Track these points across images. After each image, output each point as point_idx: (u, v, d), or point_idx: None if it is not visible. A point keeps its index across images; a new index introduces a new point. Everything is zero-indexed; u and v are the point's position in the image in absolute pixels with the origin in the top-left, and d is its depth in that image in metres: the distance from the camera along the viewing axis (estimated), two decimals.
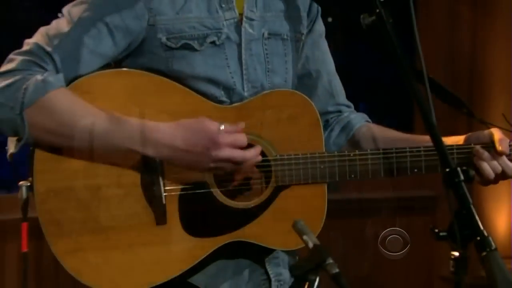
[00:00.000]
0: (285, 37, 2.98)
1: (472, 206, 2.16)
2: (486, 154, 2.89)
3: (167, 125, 2.77)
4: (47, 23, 2.96)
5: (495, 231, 6.16)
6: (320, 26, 3.17)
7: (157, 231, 2.83)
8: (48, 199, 2.76)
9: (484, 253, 2.04)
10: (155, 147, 2.69)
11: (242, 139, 2.76)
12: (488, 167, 2.87)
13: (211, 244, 2.88)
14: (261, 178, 2.92)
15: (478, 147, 2.92)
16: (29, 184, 2.74)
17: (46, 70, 2.68)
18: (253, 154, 2.79)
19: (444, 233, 2.20)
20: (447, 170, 2.17)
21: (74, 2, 2.84)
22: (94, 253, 2.85)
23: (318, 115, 2.97)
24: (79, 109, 2.74)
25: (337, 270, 2.22)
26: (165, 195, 2.80)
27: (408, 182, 6.14)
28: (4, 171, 6.81)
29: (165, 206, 2.80)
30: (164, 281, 2.87)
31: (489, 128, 3.04)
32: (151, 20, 2.77)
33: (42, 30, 2.82)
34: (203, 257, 2.87)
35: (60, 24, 2.77)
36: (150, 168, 2.81)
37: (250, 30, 2.89)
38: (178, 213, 2.83)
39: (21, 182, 2.74)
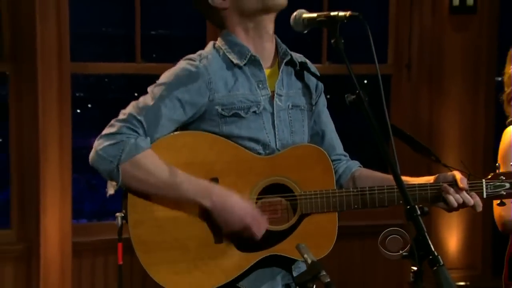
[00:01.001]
0: (303, 108, 3.19)
1: (426, 234, 2.41)
2: (451, 189, 3.04)
3: (224, 193, 2.93)
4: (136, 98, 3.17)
5: (447, 249, 6.63)
6: (323, 99, 3.36)
7: (215, 248, 3.02)
8: (137, 225, 2.97)
9: (435, 268, 2.34)
10: (212, 204, 2.86)
11: (264, 224, 2.96)
12: (453, 199, 3.02)
13: (254, 257, 3.08)
14: (288, 209, 3.11)
15: (445, 184, 3.07)
16: (123, 215, 2.98)
17: (138, 133, 2.89)
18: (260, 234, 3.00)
19: (406, 253, 2.56)
20: (408, 207, 2.44)
21: (155, 84, 3.05)
22: (170, 264, 3.03)
23: (331, 163, 3.17)
24: (161, 167, 2.91)
25: (328, 280, 2.53)
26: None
27: (385, 213, 6.32)
28: (94, 205, 7.64)
29: (221, 237, 3.00)
30: (220, 285, 3.07)
31: (451, 171, 3.18)
32: (211, 97, 2.95)
33: (134, 103, 3.01)
34: (247, 267, 3.09)
35: (146, 99, 2.96)
36: None
37: (279, 103, 3.07)
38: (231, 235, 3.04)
39: (117, 214, 2.98)
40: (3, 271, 5.98)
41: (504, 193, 3.08)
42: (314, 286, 2.58)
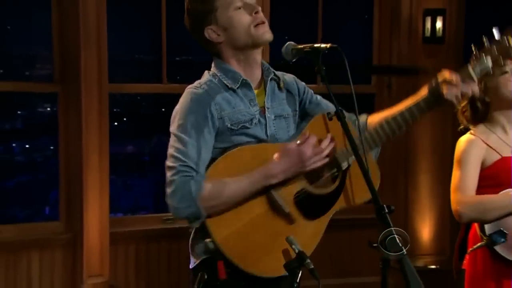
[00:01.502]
0: (286, 116, 3.08)
1: (392, 229, 2.45)
2: (448, 86, 2.85)
3: (273, 163, 2.85)
4: None
5: (421, 238, 6.69)
6: (310, 92, 3.23)
7: (292, 228, 2.91)
8: (225, 242, 2.81)
9: (399, 259, 2.39)
10: (276, 178, 2.79)
11: (312, 139, 2.83)
12: (453, 95, 2.83)
13: (325, 220, 2.99)
14: (331, 170, 2.97)
15: (441, 81, 2.90)
16: (211, 240, 2.81)
17: (191, 176, 2.79)
18: (327, 142, 2.89)
19: (376, 244, 2.51)
20: (377, 207, 2.46)
21: (177, 127, 2.94)
22: (267, 257, 2.90)
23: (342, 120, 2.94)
24: (227, 185, 2.82)
25: (312, 266, 2.62)
26: (287, 207, 2.87)
27: (371, 208, 6.73)
28: (129, 201, 7.46)
29: (289, 213, 2.89)
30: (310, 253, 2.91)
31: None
32: (219, 115, 2.88)
33: (171, 153, 2.89)
34: (324, 229, 3.01)
35: (179, 145, 2.84)
36: (271, 197, 2.89)
37: (269, 115, 2.98)
38: (298, 211, 2.90)
39: (206, 240, 2.83)
40: (54, 256, 6.02)
41: (490, 65, 2.95)
42: (300, 272, 2.60)
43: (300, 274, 2.63)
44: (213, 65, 3.02)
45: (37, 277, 6.06)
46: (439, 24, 6.96)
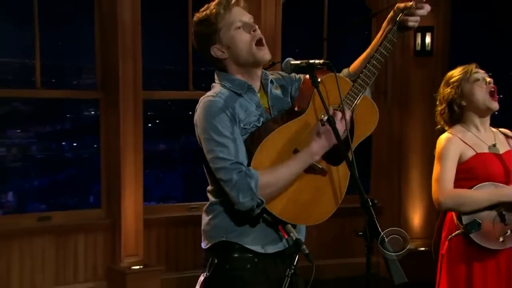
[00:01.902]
0: (286, 108, 3.03)
1: (375, 220, 2.42)
2: (403, 10, 2.80)
3: (315, 142, 2.82)
4: None
5: (413, 224, 6.71)
6: (298, 78, 3.15)
7: (327, 178, 2.90)
8: (283, 212, 2.82)
9: (380, 245, 2.38)
10: (319, 155, 2.78)
11: (339, 115, 2.80)
12: (413, 20, 2.76)
13: (348, 161, 2.81)
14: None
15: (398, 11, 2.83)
16: (267, 215, 2.82)
17: (241, 168, 2.75)
18: (348, 115, 2.86)
19: (361, 233, 2.47)
20: (362, 200, 2.44)
21: (208, 132, 2.86)
22: (310, 213, 2.89)
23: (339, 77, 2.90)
24: (278, 172, 2.81)
25: (307, 251, 2.63)
26: (318, 164, 2.82)
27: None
28: (161, 192, 7.37)
29: (322, 168, 2.80)
30: (343, 196, 2.92)
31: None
32: (237, 118, 2.84)
33: (215, 155, 2.83)
34: (350, 172, 2.88)
35: (219, 146, 2.79)
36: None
37: (273, 112, 2.93)
38: (326, 163, 2.83)
39: (264, 215, 2.82)
40: (96, 238, 6.15)
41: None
42: (297, 256, 2.64)
43: (297, 258, 2.65)
44: (217, 78, 3.00)
45: (83, 256, 6.17)
46: (428, 39, 7.04)
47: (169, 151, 9.29)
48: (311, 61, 2.75)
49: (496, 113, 3.59)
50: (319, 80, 2.80)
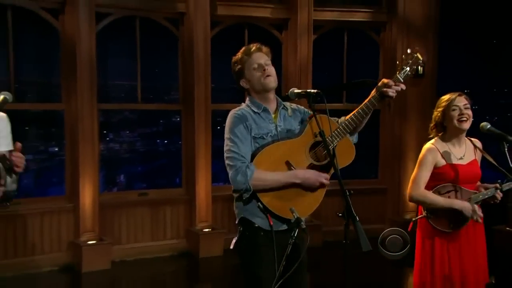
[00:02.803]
0: (293, 129, 3.06)
1: (351, 205, 2.45)
2: (387, 88, 2.80)
3: (300, 172, 2.86)
4: None
5: (407, 201, 6.41)
6: (305, 110, 3.14)
7: (303, 193, 2.86)
8: (270, 202, 2.82)
9: (354, 223, 2.41)
10: (299, 180, 2.77)
11: (323, 176, 2.85)
12: (391, 92, 2.77)
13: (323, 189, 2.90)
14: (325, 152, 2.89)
15: (383, 88, 2.82)
16: (259, 204, 2.84)
17: (244, 161, 2.84)
18: (328, 176, 2.89)
19: (340, 214, 2.51)
20: (342, 191, 2.48)
21: (229, 135, 2.93)
22: (284, 204, 2.85)
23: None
24: (268, 175, 2.84)
25: (304, 227, 2.62)
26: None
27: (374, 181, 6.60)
28: (226, 176, 7.78)
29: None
30: (316, 207, 2.93)
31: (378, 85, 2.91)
32: (248, 128, 2.91)
33: (229, 149, 2.90)
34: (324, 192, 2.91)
35: (231, 146, 2.87)
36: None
37: (280, 130, 2.99)
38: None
39: (257, 203, 2.83)
40: (179, 209, 6.34)
41: (409, 71, 2.94)
42: (297, 230, 2.62)
43: (296, 232, 2.64)
44: (246, 99, 3.11)
45: (169, 221, 6.39)
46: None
47: None
48: (308, 90, 2.90)
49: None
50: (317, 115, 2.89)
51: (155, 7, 6.41)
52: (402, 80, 2.89)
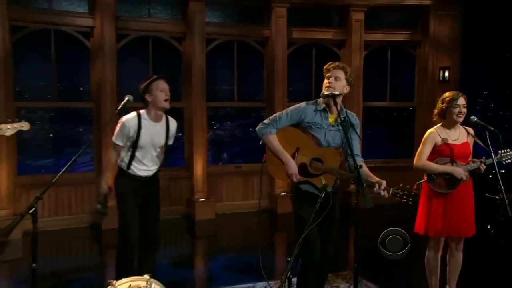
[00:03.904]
0: (340, 133, 2.99)
1: (360, 175, 2.50)
2: (377, 189, 2.79)
3: (288, 157, 2.94)
4: None
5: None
6: (356, 129, 3.07)
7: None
8: (269, 165, 3.02)
9: (360, 186, 2.46)
10: (284, 160, 2.89)
11: (297, 176, 2.91)
12: (378, 191, 2.78)
13: (304, 178, 2.97)
14: (320, 167, 2.95)
15: (376, 187, 2.80)
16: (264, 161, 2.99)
17: (273, 126, 2.95)
18: (298, 177, 2.95)
19: (352, 182, 2.59)
20: (356, 166, 2.55)
21: (287, 109, 3.03)
22: (279, 172, 2.99)
23: (339, 158, 2.96)
24: (275, 143, 2.97)
25: (329, 191, 2.68)
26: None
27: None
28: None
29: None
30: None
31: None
32: (301, 118, 3.00)
33: (275, 114, 3.04)
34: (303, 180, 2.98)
35: (280, 113, 3.01)
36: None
37: (330, 129, 2.97)
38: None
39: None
40: (263, 179, 6.60)
41: (396, 195, 2.88)
42: (324, 192, 2.68)
43: (323, 194, 2.67)
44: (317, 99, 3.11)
45: (256, 187, 6.95)
46: (446, 73, 7.34)
47: None
48: (333, 93, 2.95)
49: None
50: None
51: (247, 33, 6.93)
52: (389, 193, 2.82)
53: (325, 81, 2.97)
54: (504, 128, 7.34)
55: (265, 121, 3.00)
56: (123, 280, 2.63)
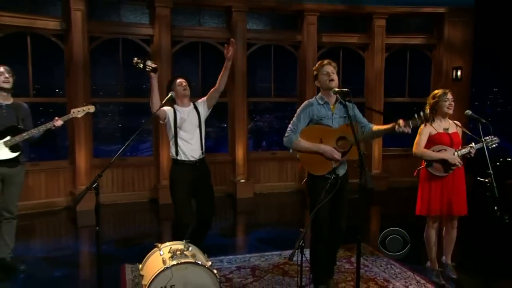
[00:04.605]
0: (344, 116, 2.99)
1: (363, 160, 2.45)
2: (398, 126, 2.81)
3: (323, 146, 2.96)
4: None
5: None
6: (357, 110, 3.09)
7: (328, 161, 2.96)
8: (304, 160, 2.99)
9: (363, 170, 2.40)
10: (321, 150, 2.91)
11: (336, 152, 2.93)
12: (402, 129, 2.80)
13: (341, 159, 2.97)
14: (347, 143, 2.96)
15: (396, 124, 2.84)
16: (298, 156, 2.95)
17: (295, 132, 2.99)
18: (340, 154, 2.95)
19: (356, 165, 2.46)
20: (359, 152, 2.51)
21: (297, 113, 3.07)
22: (315, 167, 3.00)
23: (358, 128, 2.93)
24: (303, 144, 3.00)
25: (337, 174, 2.83)
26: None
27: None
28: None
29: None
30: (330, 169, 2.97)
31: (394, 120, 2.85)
32: (311, 115, 3.04)
33: (292, 121, 3.06)
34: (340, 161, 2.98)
35: (294, 120, 3.04)
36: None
37: (335, 116, 3.00)
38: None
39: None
40: (296, 164, 6.57)
41: (419, 124, 2.96)
42: (333, 175, 2.80)
43: (333, 176, 2.80)
44: (319, 93, 3.16)
45: (290, 172, 7.25)
46: (459, 72, 7.51)
47: None
48: (343, 89, 2.93)
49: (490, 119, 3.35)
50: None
51: (283, 38, 7.20)
52: (411, 126, 2.88)
53: (324, 78, 3.03)
54: (511, 120, 7.39)
55: (286, 133, 3.03)
56: (167, 243, 2.92)
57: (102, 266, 2.65)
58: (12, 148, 3.72)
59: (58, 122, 3.76)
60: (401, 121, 2.82)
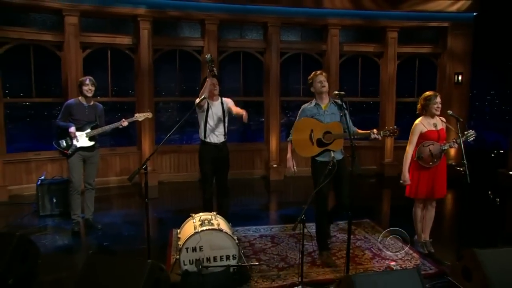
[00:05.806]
0: (336, 113, 3.07)
1: (354, 150, 2.50)
2: (373, 135, 2.92)
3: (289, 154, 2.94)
4: None
5: None
6: (345, 111, 3.13)
7: (312, 146, 3.08)
8: (295, 145, 3.05)
9: (354, 159, 2.45)
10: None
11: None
12: (374, 136, 2.88)
13: (322, 148, 3.10)
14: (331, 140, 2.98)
15: (371, 132, 2.95)
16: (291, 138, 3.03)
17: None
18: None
19: (349, 155, 2.52)
20: (351, 144, 2.53)
21: (298, 116, 3.17)
22: (301, 148, 3.03)
23: (342, 127, 3.04)
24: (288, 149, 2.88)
25: (335, 161, 2.78)
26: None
27: None
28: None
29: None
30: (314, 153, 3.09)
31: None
32: (308, 113, 3.02)
33: (295, 124, 3.14)
34: (320, 150, 3.13)
35: (296, 122, 3.07)
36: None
37: (326, 114, 3.03)
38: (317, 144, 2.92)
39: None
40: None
41: (387, 135, 3.14)
42: (332, 162, 2.81)
43: (331, 163, 2.82)
44: (314, 98, 3.29)
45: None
46: (460, 77, 7.76)
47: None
48: (340, 92, 3.05)
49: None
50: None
51: (310, 48, 7.49)
52: (381, 135, 3.07)
53: (318, 85, 3.35)
54: (505, 119, 7.55)
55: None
56: (199, 213, 3.20)
57: (149, 229, 3.12)
58: (90, 138, 4.27)
59: (124, 123, 4.22)
60: (375, 130, 3.14)
